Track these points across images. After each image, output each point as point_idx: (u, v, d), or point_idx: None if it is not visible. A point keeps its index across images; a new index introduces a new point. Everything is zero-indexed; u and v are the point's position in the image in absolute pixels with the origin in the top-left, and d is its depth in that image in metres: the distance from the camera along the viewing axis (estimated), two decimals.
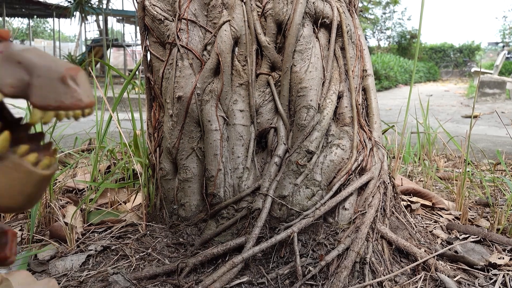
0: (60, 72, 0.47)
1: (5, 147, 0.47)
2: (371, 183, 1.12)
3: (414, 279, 0.99)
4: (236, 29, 1.12)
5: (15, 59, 0.47)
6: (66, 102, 0.47)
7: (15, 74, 0.47)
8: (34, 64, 0.47)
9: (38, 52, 0.49)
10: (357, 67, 1.20)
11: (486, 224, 1.33)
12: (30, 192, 0.50)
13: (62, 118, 0.48)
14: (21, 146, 0.49)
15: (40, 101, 0.46)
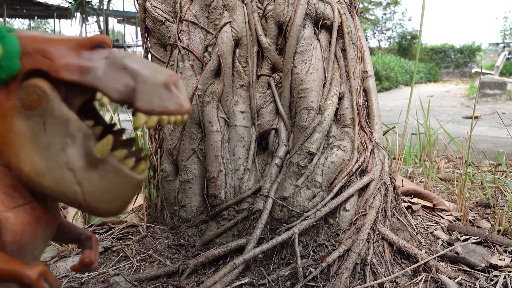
0: (164, 78, 0.47)
1: (107, 150, 0.48)
2: (372, 184, 1.12)
3: (415, 280, 0.99)
4: (237, 30, 1.12)
5: (120, 65, 0.47)
6: (170, 107, 0.47)
7: (121, 79, 0.47)
8: (139, 70, 0.47)
9: (140, 58, 0.49)
10: (358, 68, 1.20)
11: (487, 225, 1.33)
12: (127, 196, 0.50)
13: (165, 123, 0.48)
14: (121, 150, 0.49)
15: (145, 106, 0.46)
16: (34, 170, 0.47)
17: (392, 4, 21.51)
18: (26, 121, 0.47)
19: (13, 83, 0.48)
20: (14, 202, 0.49)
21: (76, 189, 0.47)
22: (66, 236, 0.62)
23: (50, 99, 0.47)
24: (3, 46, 0.47)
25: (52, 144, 0.47)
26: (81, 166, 0.48)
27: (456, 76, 18.35)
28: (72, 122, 0.48)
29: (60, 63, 0.47)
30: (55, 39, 0.50)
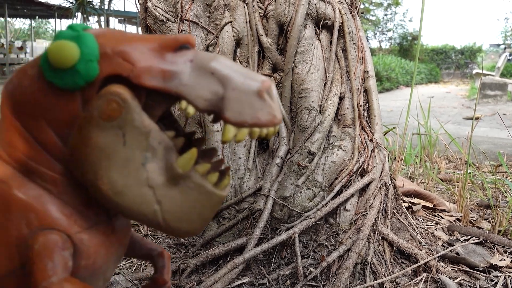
0: (257, 85, 0.41)
1: (191, 165, 0.42)
2: (373, 184, 1.13)
3: (415, 281, 0.99)
4: (238, 30, 1.12)
5: (208, 70, 0.42)
6: (262, 118, 0.41)
7: (209, 86, 0.41)
8: (229, 75, 0.41)
9: (228, 61, 0.43)
10: (359, 69, 1.20)
11: (487, 226, 1.33)
12: (208, 215, 0.44)
13: (256, 136, 0.42)
14: (203, 164, 0.43)
15: (235, 117, 0.40)
16: (112, 189, 0.42)
17: (393, 5, 21.51)
18: (103, 133, 0.41)
19: (89, 90, 0.42)
20: (88, 221, 0.45)
21: (156, 209, 0.42)
22: (137, 252, 0.58)
23: (130, 108, 0.41)
24: (79, 47, 0.41)
25: (131, 159, 0.42)
26: (161, 183, 0.42)
27: (457, 77, 18.34)
28: (153, 133, 0.42)
29: (142, 67, 0.42)
30: (136, 39, 0.44)
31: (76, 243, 0.43)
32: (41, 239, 0.41)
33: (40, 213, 0.42)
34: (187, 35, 0.44)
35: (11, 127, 0.44)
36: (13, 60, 14.88)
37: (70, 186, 0.44)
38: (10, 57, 14.82)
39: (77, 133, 0.42)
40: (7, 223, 0.42)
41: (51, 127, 0.43)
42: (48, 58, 0.41)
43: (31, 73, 0.43)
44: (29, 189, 0.43)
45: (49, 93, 0.42)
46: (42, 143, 0.43)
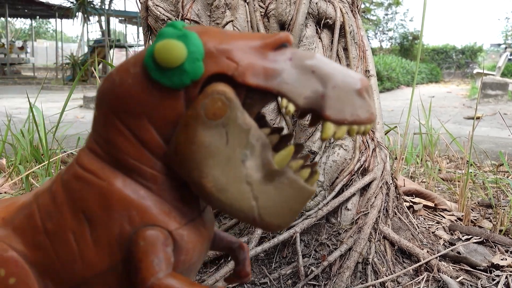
0: (357, 84, 0.42)
1: (286, 162, 0.44)
2: (374, 183, 1.12)
3: (417, 280, 0.99)
4: (239, 29, 1.12)
5: (308, 68, 0.42)
6: (362, 116, 0.42)
7: (309, 84, 0.42)
8: (329, 73, 0.42)
9: (326, 59, 0.44)
10: (360, 68, 1.20)
11: (489, 225, 1.33)
12: (298, 209, 0.45)
13: (354, 133, 0.43)
14: (296, 160, 0.45)
15: (336, 114, 0.41)
16: (216, 186, 0.42)
17: (393, 5, 21.51)
18: (208, 132, 0.42)
19: (192, 89, 0.42)
20: (184, 217, 0.46)
21: (253, 204, 0.43)
22: (218, 244, 0.58)
23: (235, 107, 0.42)
24: (186, 46, 0.41)
25: (232, 157, 0.43)
26: (258, 179, 0.43)
27: (458, 77, 18.33)
28: (252, 131, 0.43)
29: (246, 66, 0.42)
30: (237, 37, 0.44)
31: (176, 239, 0.44)
32: (146, 236, 0.42)
33: (142, 210, 0.43)
34: (286, 34, 0.44)
35: (110, 125, 0.44)
36: (13, 60, 14.89)
37: (169, 183, 0.45)
38: (11, 57, 14.82)
39: (182, 131, 0.42)
40: (108, 220, 0.43)
41: (153, 125, 0.43)
42: (154, 57, 0.41)
43: (134, 72, 0.43)
44: (130, 186, 0.44)
45: (154, 91, 0.43)
46: (143, 141, 0.44)
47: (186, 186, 0.46)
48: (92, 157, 0.46)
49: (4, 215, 0.48)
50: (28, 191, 1.37)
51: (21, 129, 1.80)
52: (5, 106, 5.02)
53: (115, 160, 0.44)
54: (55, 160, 1.46)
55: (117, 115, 0.44)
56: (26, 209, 0.47)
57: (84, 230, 0.44)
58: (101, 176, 0.44)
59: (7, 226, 0.47)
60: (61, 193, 0.45)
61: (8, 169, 1.71)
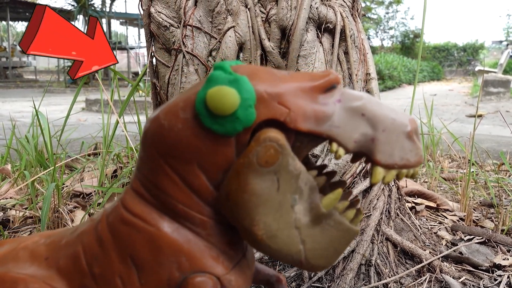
0: (406, 127, 0.42)
1: (334, 205, 0.44)
2: (376, 185, 1.13)
3: (419, 281, 1.00)
4: (240, 34, 1.13)
5: (358, 111, 0.42)
6: (411, 160, 0.42)
7: (359, 128, 0.42)
8: (379, 116, 0.42)
9: (374, 99, 0.44)
10: (361, 71, 1.21)
11: (491, 225, 1.34)
12: (342, 250, 0.45)
13: (402, 177, 0.43)
14: (342, 202, 0.45)
15: (386, 159, 0.41)
16: (266, 234, 0.42)
17: (394, 3, 21.47)
18: (260, 179, 0.41)
19: (243, 135, 0.42)
20: (231, 261, 0.46)
21: (300, 248, 0.43)
22: (255, 278, 0.57)
23: (286, 153, 0.41)
24: (239, 93, 0.40)
25: (283, 203, 0.42)
26: (306, 223, 0.43)
27: (460, 75, 18.29)
28: (302, 175, 0.42)
29: (298, 111, 0.42)
30: (287, 79, 0.43)
31: (225, 284, 0.44)
32: (196, 284, 0.42)
33: (191, 256, 0.43)
34: (336, 75, 0.44)
35: (159, 169, 0.44)
36: (15, 64, 14.92)
37: (216, 228, 0.45)
38: (13, 60, 14.86)
39: (234, 179, 0.42)
40: (157, 266, 0.43)
41: (203, 171, 0.43)
42: (207, 105, 0.40)
43: (184, 117, 0.42)
44: (179, 232, 0.44)
45: (205, 138, 0.42)
46: (193, 186, 0.43)
47: (232, 229, 0.46)
48: (139, 201, 0.45)
49: (48, 255, 0.47)
50: (34, 197, 1.39)
51: (25, 135, 1.82)
52: (8, 110, 5.04)
53: (163, 204, 0.44)
54: (60, 165, 1.48)
55: (166, 159, 0.43)
56: (69, 249, 0.47)
57: (132, 275, 0.43)
58: (149, 221, 0.44)
59: (51, 267, 0.46)
60: (107, 236, 0.45)
61: (13, 174, 1.72)
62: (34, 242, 0.50)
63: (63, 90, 10.64)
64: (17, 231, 1.28)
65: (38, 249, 0.48)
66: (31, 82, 12.73)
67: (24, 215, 1.36)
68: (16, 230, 1.28)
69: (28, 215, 1.37)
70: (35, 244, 0.49)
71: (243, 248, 0.49)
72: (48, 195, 1.17)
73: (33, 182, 1.39)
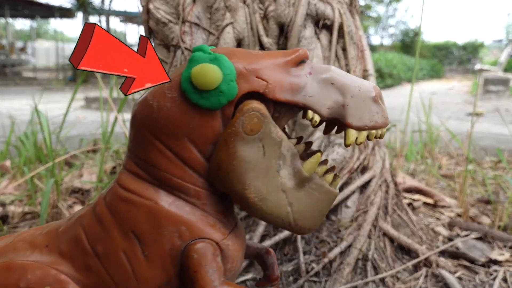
0: (371, 92, 0.47)
1: (315, 168, 0.48)
2: (373, 181, 1.14)
3: (416, 275, 1.00)
4: (239, 31, 1.14)
5: (328, 81, 0.47)
6: (379, 121, 0.47)
7: (331, 96, 0.47)
8: (347, 84, 0.47)
9: (340, 71, 0.49)
10: (358, 68, 1.22)
11: (488, 221, 1.35)
12: (325, 212, 0.49)
13: (372, 138, 0.48)
14: (322, 167, 0.49)
15: (356, 122, 0.46)
16: (258, 196, 0.46)
17: (394, 1, 21.44)
18: (247, 146, 0.45)
19: (228, 108, 0.46)
20: (227, 228, 0.49)
21: (288, 211, 0.47)
22: (246, 252, 0.60)
23: (268, 121, 0.46)
24: (221, 69, 0.44)
25: (269, 168, 0.46)
26: (291, 187, 0.47)
27: (460, 73, 18.28)
28: (283, 142, 0.47)
29: (275, 83, 0.46)
30: (261, 56, 0.48)
31: (223, 249, 0.47)
32: (197, 249, 0.45)
33: (190, 225, 0.46)
34: (304, 50, 0.49)
35: (151, 147, 0.47)
36: (15, 61, 14.91)
37: (210, 198, 0.48)
38: (12, 58, 14.84)
39: (223, 148, 0.45)
40: (159, 237, 0.45)
41: (193, 144, 0.46)
42: (192, 81, 0.44)
43: (171, 96, 0.46)
44: (175, 204, 0.46)
45: (193, 113, 0.45)
46: (185, 160, 0.46)
47: (224, 198, 0.49)
48: (133, 178, 0.48)
49: (47, 243, 0.48)
50: (33, 193, 1.39)
51: (25, 132, 1.83)
52: (7, 108, 5.04)
53: (157, 179, 0.47)
54: (59, 161, 1.48)
55: (158, 137, 0.46)
56: (69, 233, 0.48)
57: (136, 249, 0.46)
58: (147, 196, 0.46)
59: (53, 253, 0.48)
60: (107, 215, 0.47)
61: (13, 170, 1.73)
62: (31, 234, 0.51)
63: (62, 88, 10.63)
64: (16, 227, 1.28)
65: (37, 239, 0.49)
66: (30, 80, 12.72)
67: (23, 210, 1.37)
68: (15, 226, 1.29)
69: (27, 210, 1.37)
70: (32, 236, 0.50)
71: (234, 218, 0.52)
72: (47, 191, 1.17)
73: (32, 178, 1.40)
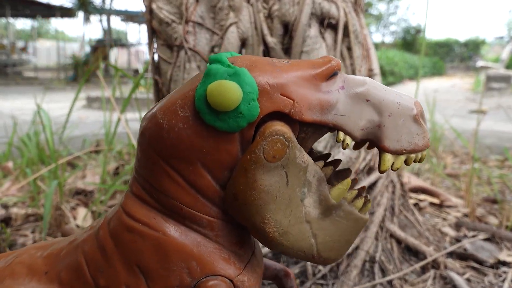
0: (412, 110, 0.41)
1: (343, 195, 0.43)
2: (379, 182, 1.13)
3: (424, 277, 0.99)
4: (243, 30, 1.13)
5: (362, 97, 0.41)
6: (419, 144, 0.41)
7: (364, 114, 0.41)
8: (384, 101, 0.41)
9: (377, 83, 0.43)
10: (364, 67, 1.20)
11: (495, 221, 1.33)
12: (353, 240, 0.45)
13: (411, 162, 0.42)
14: (351, 192, 0.44)
15: (394, 145, 0.40)
16: (278, 230, 0.41)
17: None
18: (269, 175, 0.39)
19: (247, 130, 0.40)
20: (242, 261, 0.44)
21: (312, 242, 0.42)
22: (264, 273, 0.55)
23: (293, 146, 0.40)
24: (241, 86, 0.38)
25: (292, 198, 0.41)
26: (316, 216, 0.42)
27: (461, 70, 18.24)
28: (309, 167, 0.41)
29: (302, 102, 0.40)
30: (288, 68, 0.41)
31: (238, 286, 0.43)
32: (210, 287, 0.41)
33: (201, 260, 0.41)
34: (337, 61, 0.43)
35: (160, 171, 0.42)
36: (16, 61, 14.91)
37: (225, 228, 0.43)
38: (13, 58, 14.85)
39: (241, 177, 0.40)
40: (166, 273, 0.41)
41: (207, 170, 0.41)
42: (208, 101, 0.39)
43: (183, 115, 0.40)
44: (187, 235, 0.42)
45: (208, 136, 0.40)
46: (197, 187, 0.41)
47: (240, 228, 0.44)
48: (140, 205, 0.43)
49: (47, 269, 0.44)
50: (36, 195, 1.38)
51: (27, 132, 1.82)
52: (8, 108, 5.04)
53: (167, 207, 0.42)
54: (62, 163, 1.47)
55: (167, 161, 0.41)
56: (70, 260, 0.44)
57: (140, 284, 0.41)
58: (154, 226, 0.42)
59: (52, 281, 0.44)
60: (110, 244, 0.42)
61: (15, 171, 1.72)
62: (30, 256, 0.47)
63: (63, 87, 10.63)
64: (19, 229, 1.27)
65: (36, 263, 0.45)
66: (31, 80, 12.72)
67: (26, 212, 1.36)
68: (18, 228, 1.28)
69: (30, 212, 1.36)
70: (32, 258, 0.46)
71: (252, 246, 0.47)
72: (50, 193, 1.16)
73: (35, 180, 1.39)
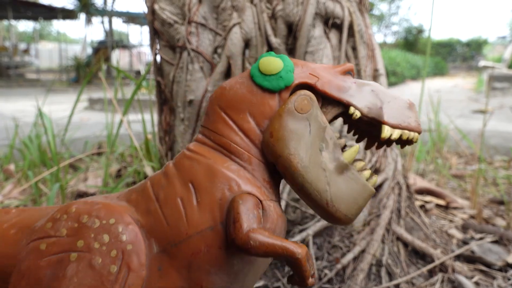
0: (406, 102, 0.57)
1: (353, 159, 0.55)
2: (386, 184, 1.11)
3: (431, 281, 0.98)
4: (246, 31, 1.11)
5: (369, 88, 0.58)
6: (412, 124, 0.56)
7: (371, 99, 0.57)
8: (384, 92, 0.57)
9: (380, 86, 0.59)
10: (369, 67, 1.19)
11: (502, 223, 1.31)
12: (361, 204, 0.55)
13: (405, 137, 0.56)
14: (360, 162, 0.56)
15: (392, 120, 0.55)
16: (301, 163, 0.52)
17: None
18: (296, 121, 0.54)
19: (284, 93, 0.57)
20: (270, 196, 0.55)
21: (327, 188, 0.53)
22: None
23: (316, 106, 0.55)
24: (283, 61, 0.57)
25: (313, 144, 0.54)
26: (331, 169, 0.54)
27: (463, 70, 18.17)
28: (327, 129, 0.55)
29: (325, 80, 0.57)
30: (316, 64, 0.59)
31: (265, 207, 0.53)
32: (243, 197, 0.52)
33: (239, 182, 0.54)
34: (351, 65, 0.60)
35: (220, 119, 0.57)
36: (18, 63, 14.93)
37: (260, 166, 0.56)
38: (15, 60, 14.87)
39: (277, 120, 0.54)
40: (212, 188, 0.53)
41: (253, 118, 0.56)
42: (259, 68, 0.57)
43: (241, 80, 0.58)
44: (231, 165, 0.55)
45: (256, 93, 0.57)
46: (244, 130, 0.56)
47: (271, 172, 0.56)
48: (200, 145, 0.58)
49: (118, 195, 0.59)
50: (38, 198, 1.37)
51: (29, 135, 1.80)
52: (10, 110, 5.04)
53: (219, 145, 0.56)
54: (64, 166, 1.46)
55: (225, 111, 0.57)
56: (139, 186, 0.57)
57: (191, 196, 0.53)
58: (208, 156, 0.55)
59: (122, 200, 0.57)
60: (172, 169, 0.56)
61: (17, 174, 1.71)
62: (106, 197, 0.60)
63: (65, 89, 10.63)
64: None
65: (110, 196, 0.59)
66: (33, 82, 12.72)
67: None
68: None
69: None
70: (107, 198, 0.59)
71: (278, 197, 0.58)
72: (52, 196, 1.15)
73: (37, 183, 1.38)
